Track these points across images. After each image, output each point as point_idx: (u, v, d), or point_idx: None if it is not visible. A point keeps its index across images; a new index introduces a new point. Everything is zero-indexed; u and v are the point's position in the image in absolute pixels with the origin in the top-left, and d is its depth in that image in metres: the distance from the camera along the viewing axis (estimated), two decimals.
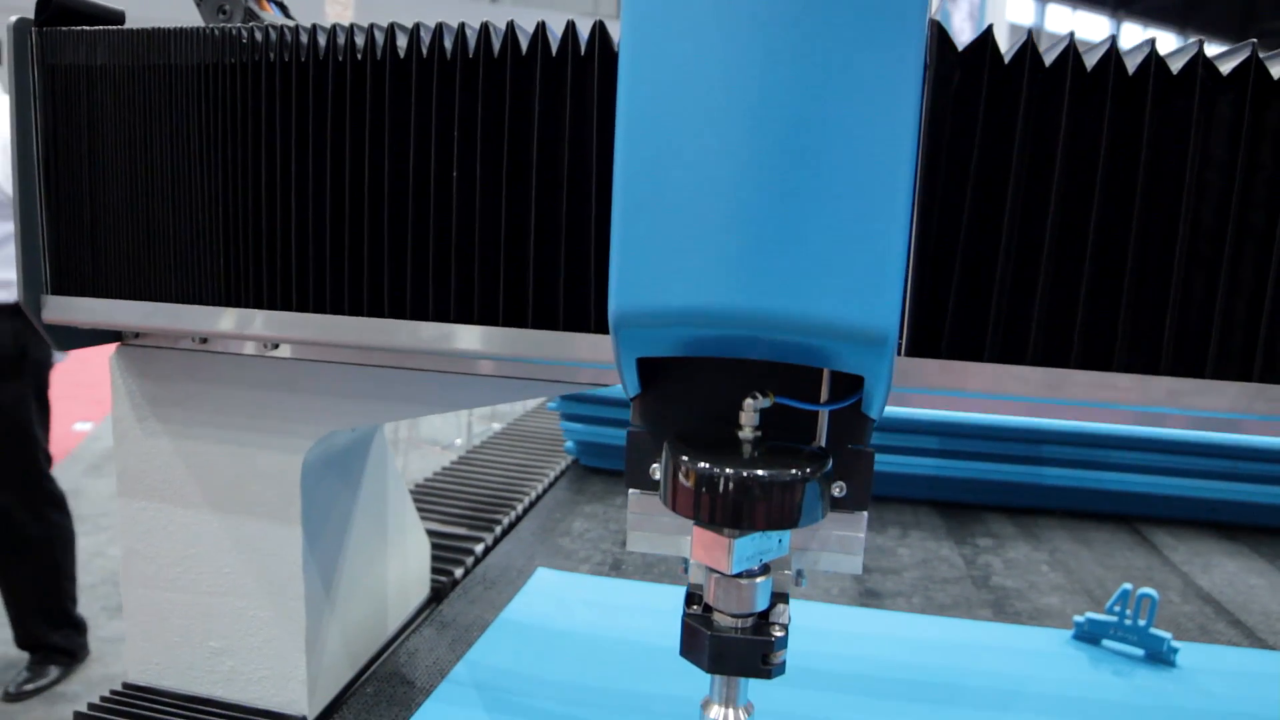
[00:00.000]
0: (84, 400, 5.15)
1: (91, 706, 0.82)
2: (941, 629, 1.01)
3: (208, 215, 0.68)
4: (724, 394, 0.51)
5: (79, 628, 2.57)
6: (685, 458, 0.47)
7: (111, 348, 0.80)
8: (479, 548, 1.19)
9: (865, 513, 0.55)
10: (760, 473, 0.46)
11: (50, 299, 0.73)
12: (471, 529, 1.26)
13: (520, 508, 1.37)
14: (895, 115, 0.39)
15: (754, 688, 0.55)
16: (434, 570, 1.07)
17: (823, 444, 0.53)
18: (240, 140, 0.66)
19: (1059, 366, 0.56)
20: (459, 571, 1.11)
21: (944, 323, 0.56)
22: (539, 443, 1.76)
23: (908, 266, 0.54)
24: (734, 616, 0.51)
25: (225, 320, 0.69)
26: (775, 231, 0.40)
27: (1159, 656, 0.92)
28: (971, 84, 0.54)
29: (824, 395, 0.52)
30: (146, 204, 0.69)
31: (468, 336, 0.63)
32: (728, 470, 0.46)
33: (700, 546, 0.49)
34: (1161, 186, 0.53)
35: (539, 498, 1.45)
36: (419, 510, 1.03)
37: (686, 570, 0.57)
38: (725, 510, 0.46)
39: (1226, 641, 1.02)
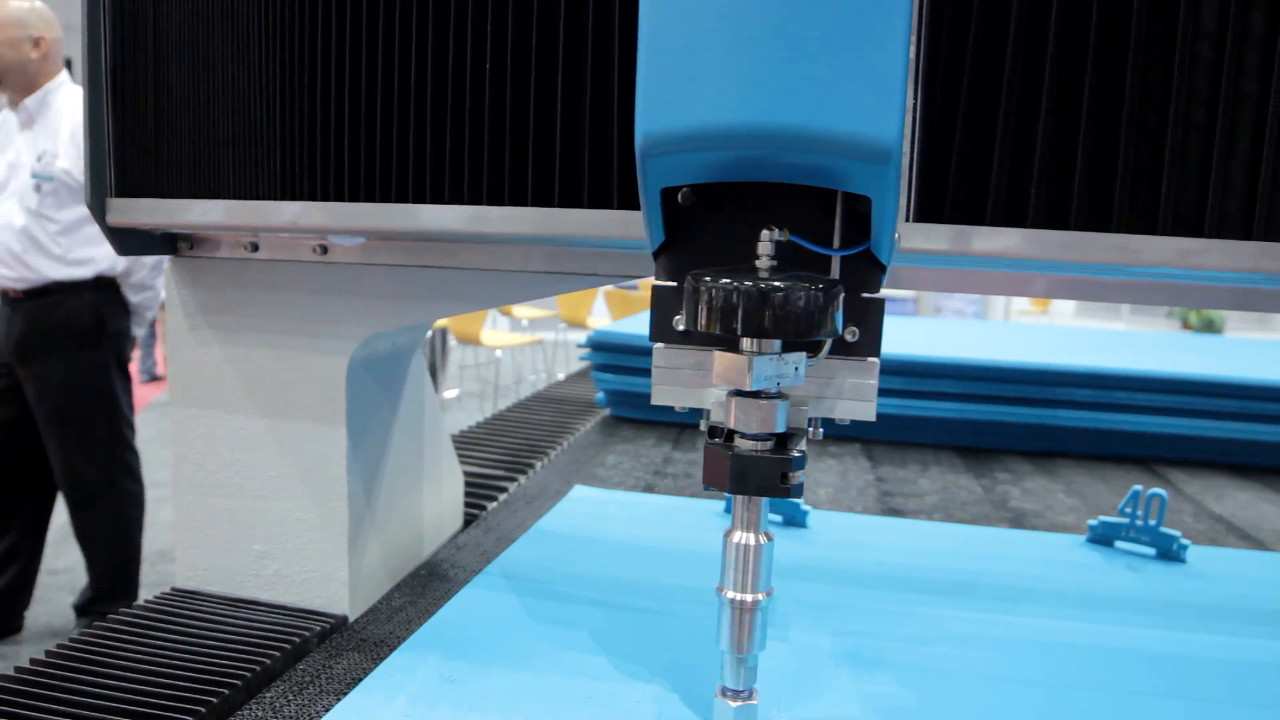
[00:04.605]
0: None
1: (138, 607, 0.84)
2: (961, 535, 1.05)
3: (265, 115, 0.72)
4: (744, 247, 0.55)
5: (134, 599, 2.64)
6: (708, 278, 0.51)
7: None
8: (513, 486, 1.23)
9: (878, 360, 0.59)
10: (776, 284, 0.50)
11: (114, 201, 0.78)
12: (508, 470, 1.30)
13: (553, 455, 1.42)
14: None
15: (777, 584, 0.57)
16: (468, 505, 1.11)
17: None
18: (297, 41, 0.70)
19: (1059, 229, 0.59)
20: (492, 507, 1.15)
21: (947, 187, 0.59)
22: (570, 404, 1.80)
23: (915, 124, 0.58)
24: (754, 439, 0.54)
25: (280, 213, 0.73)
26: (785, 51, 0.45)
27: (1169, 554, 0.96)
28: None
29: (837, 241, 0.56)
30: (207, 107, 0.74)
31: (503, 216, 0.67)
32: (746, 283, 0.50)
33: (721, 370, 0.52)
34: (1155, 54, 0.56)
35: (570, 446, 1.49)
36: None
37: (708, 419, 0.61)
38: (745, 320, 0.49)
39: None
